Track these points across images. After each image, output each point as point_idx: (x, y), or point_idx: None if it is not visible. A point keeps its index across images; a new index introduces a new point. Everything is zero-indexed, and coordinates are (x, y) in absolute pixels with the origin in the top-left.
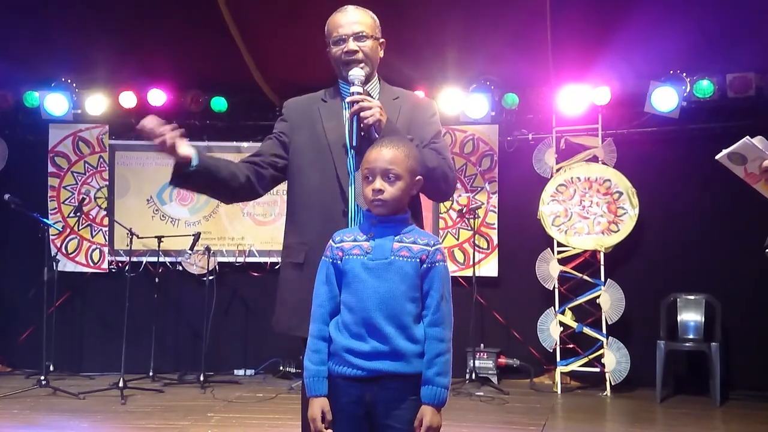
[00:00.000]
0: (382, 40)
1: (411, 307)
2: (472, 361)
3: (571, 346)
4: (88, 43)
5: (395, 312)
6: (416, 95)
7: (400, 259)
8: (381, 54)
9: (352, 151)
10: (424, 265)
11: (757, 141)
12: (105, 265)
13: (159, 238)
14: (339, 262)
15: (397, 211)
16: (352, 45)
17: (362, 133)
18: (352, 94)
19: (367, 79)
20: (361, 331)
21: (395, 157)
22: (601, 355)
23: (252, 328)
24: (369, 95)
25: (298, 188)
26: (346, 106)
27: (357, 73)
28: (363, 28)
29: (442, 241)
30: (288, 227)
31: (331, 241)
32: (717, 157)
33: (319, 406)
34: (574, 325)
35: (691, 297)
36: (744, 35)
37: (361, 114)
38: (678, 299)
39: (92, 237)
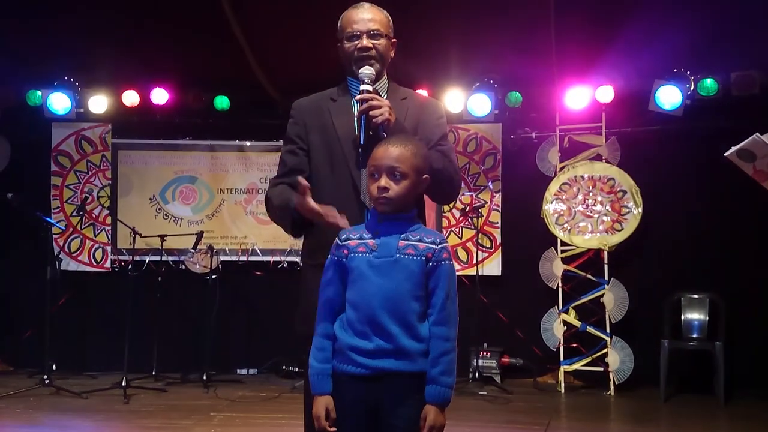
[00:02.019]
0: (394, 39)
1: (416, 305)
2: (475, 360)
3: (574, 345)
4: (90, 42)
5: (400, 310)
6: (424, 96)
7: (406, 257)
8: (392, 54)
9: (360, 149)
10: (430, 264)
11: (767, 138)
12: (108, 264)
13: (162, 237)
14: (344, 260)
15: (402, 209)
16: (366, 42)
17: (370, 132)
18: (362, 92)
19: (377, 78)
20: (366, 329)
21: (401, 155)
22: (605, 355)
23: (255, 327)
24: (378, 94)
25: (315, 187)
26: (356, 103)
27: (367, 71)
28: (378, 26)
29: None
30: (306, 228)
31: (337, 239)
32: (726, 153)
33: (324, 404)
34: (578, 324)
35: (695, 296)
36: (748, 33)
37: (370, 113)
38: (682, 298)
39: (95, 236)
